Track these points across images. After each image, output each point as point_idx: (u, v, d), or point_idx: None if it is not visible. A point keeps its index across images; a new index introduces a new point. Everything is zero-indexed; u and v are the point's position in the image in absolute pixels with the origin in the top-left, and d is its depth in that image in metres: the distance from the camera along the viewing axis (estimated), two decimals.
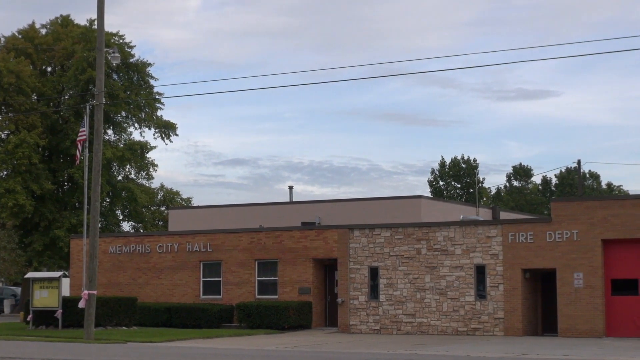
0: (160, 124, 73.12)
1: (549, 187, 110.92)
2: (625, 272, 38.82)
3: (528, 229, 40.19)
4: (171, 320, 46.07)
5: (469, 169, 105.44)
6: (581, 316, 38.55)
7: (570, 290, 38.86)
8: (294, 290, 45.30)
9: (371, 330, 42.66)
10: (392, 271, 42.55)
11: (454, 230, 41.56)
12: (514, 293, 40.00)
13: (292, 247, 45.57)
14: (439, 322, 41.36)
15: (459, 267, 41.19)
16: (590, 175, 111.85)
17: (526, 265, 40.02)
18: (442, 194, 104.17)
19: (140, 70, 71.65)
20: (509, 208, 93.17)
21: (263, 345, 34.32)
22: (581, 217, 39.03)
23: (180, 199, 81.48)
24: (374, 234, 43.13)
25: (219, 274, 47.40)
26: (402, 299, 42.24)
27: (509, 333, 39.78)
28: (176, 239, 48.82)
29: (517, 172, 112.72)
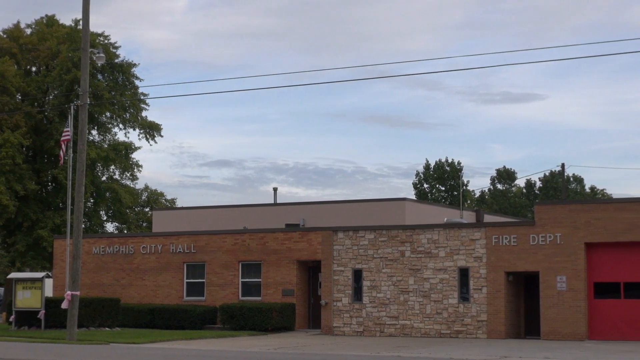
0: (145, 124, 73.08)
1: (533, 191, 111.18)
2: (608, 276, 38.95)
3: (512, 232, 40.28)
4: (154, 321, 45.99)
5: (453, 171, 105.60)
6: (564, 319, 38.67)
7: (553, 293, 38.97)
8: (277, 292, 45.29)
9: (354, 333, 42.69)
10: (375, 273, 42.59)
11: (438, 233, 41.63)
12: (497, 296, 40.09)
13: (276, 248, 45.56)
14: (422, 324, 41.41)
15: (442, 270, 41.26)
16: (574, 178, 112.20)
17: (509, 268, 40.12)
18: (426, 197, 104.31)
19: (125, 70, 71.63)
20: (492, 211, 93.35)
21: (246, 347, 34.31)
22: (564, 221, 39.16)
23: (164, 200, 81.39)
24: (358, 236, 43.17)
25: (202, 275, 47.35)
26: (386, 301, 42.28)
27: (492, 336, 39.87)
28: (160, 240, 48.75)
29: (501, 175, 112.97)
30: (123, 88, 72.05)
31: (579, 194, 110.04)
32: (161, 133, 74.16)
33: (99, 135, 73.58)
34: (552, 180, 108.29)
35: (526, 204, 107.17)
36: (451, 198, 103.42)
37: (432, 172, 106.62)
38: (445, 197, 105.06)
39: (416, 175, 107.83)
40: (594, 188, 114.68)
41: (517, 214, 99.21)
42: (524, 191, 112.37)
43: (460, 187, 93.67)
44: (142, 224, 77.32)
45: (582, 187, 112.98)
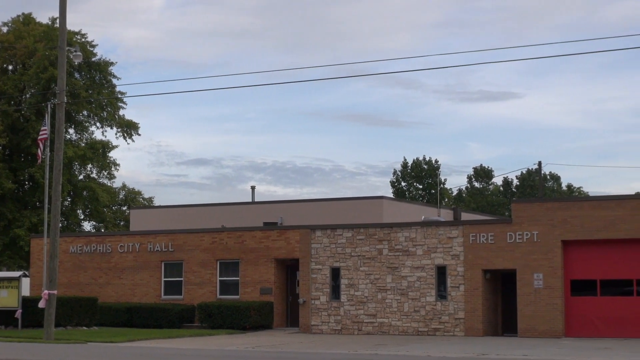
0: (123, 123, 72.91)
1: (510, 189, 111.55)
2: (584, 273, 39.15)
3: (489, 229, 40.43)
4: (132, 320, 45.91)
5: (430, 170, 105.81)
6: (541, 316, 38.84)
7: (530, 290, 39.14)
8: (255, 291, 45.28)
9: (332, 331, 42.74)
10: (353, 271, 42.65)
11: (416, 231, 41.73)
12: (474, 293, 40.23)
13: (254, 247, 45.55)
14: (400, 322, 41.51)
15: (420, 268, 41.36)
16: (551, 176, 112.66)
17: (487, 266, 40.26)
18: (404, 195, 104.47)
19: (102, 69, 71.46)
20: (470, 209, 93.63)
21: (224, 346, 34.30)
22: (541, 219, 39.33)
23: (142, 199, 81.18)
24: (336, 234, 43.22)
25: (180, 274, 47.30)
26: (364, 299, 42.35)
27: (469, 333, 40.00)
28: (137, 238, 48.65)
29: (478, 173, 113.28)
30: (100, 86, 71.84)
31: (555, 192, 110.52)
32: (138, 131, 74.02)
33: (76, 134, 73.35)
34: (529, 179, 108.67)
35: (503, 202, 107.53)
36: (429, 196, 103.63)
37: (410, 170, 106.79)
38: (422, 196, 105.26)
39: (394, 173, 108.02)
40: (571, 186, 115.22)
41: (494, 212, 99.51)
42: (501, 189, 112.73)
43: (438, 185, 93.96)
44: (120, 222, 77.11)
45: (559, 185, 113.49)
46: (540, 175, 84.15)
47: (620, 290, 38.88)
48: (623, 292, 38.80)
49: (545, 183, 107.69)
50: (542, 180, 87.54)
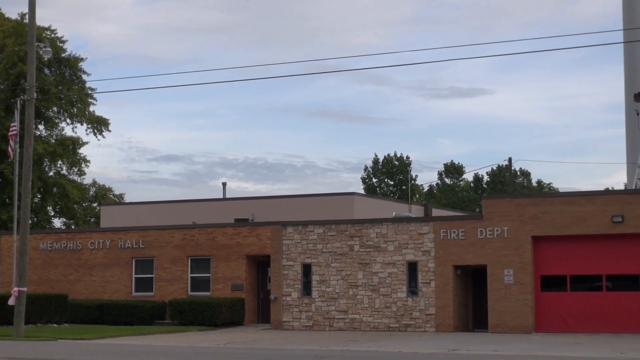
0: (93, 119, 72.55)
1: (481, 185, 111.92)
2: (554, 269, 39.37)
3: (459, 225, 40.58)
4: (103, 317, 45.75)
5: (401, 166, 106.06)
6: (511, 312, 39.03)
7: (501, 286, 39.32)
8: (226, 287, 45.23)
9: (304, 327, 42.78)
10: (324, 268, 42.69)
11: (387, 227, 41.81)
12: (445, 289, 40.37)
13: (225, 243, 45.49)
14: (371, 318, 41.59)
15: (391, 264, 41.45)
16: (521, 172, 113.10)
17: (457, 262, 40.41)
18: (375, 191, 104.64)
19: (72, 65, 71.08)
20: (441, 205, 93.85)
21: (195, 342, 34.26)
22: (512, 214, 39.51)
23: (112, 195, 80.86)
24: (307, 230, 43.25)
25: (151, 270, 47.18)
26: (335, 295, 42.40)
27: (440, 329, 40.13)
28: (108, 235, 48.48)
29: (449, 169, 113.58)
30: (70, 82, 71.47)
31: (526, 188, 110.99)
32: (109, 128, 73.66)
33: (45, 130, 72.92)
34: (499, 175, 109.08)
35: (474, 198, 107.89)
36: (400, 192, 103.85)
37: (381, 166, 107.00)
38: (393, 192, 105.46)
39: (365, 170, 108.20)
40: (541, 182, 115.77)
41: (465, 208, 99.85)
42: (472, 185, 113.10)
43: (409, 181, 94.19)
44: (90, 219, 76.77)
45: (529, 181, 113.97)
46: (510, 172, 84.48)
47: (590, 286, 39.13)
48: (592, 288, 39.05)
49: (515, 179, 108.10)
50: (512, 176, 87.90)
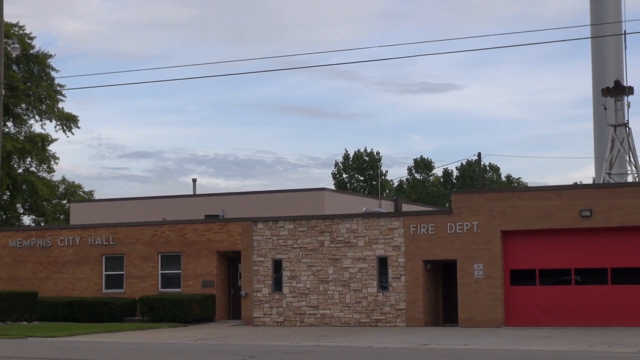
0: (62, 116, 72.24)
1: (450, 180, 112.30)
2: (523, 263, 39.59)
3: (429, 220, 40.72)
4: (73, 314, 45.59)
5: (372, 161, 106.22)
6: (481, 306, 39.23)
7: (471, 280, 39.52)
8: (197, 283, 45.20)
9: (275, 323, 42.81)
10: (295, 263, 42.74)
11: (357, 223, 41.90)
12: (415, 284, 40.51)
13: (195, 240, 45.45)
14: (342, 313, 41.69)
15: (361, 259, 41.55)
16: (491, 167, 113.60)
17: (427, 257, 40.55)
18: (345, 187, 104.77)
19: (41, 61, 70.75)
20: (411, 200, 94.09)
21: (166, 339, 34.21)
22: (481, 209, 39.70)
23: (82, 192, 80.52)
24: (278, 226, 43.28)
25: (121, 267, 47.04)
26: (306, 291, 42.47)
27: (410, 324, 40.28)
28: (78, 232, 48.30)
29: (419, 164, 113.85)
30: (39, 79, 71.13)
31: (495, 182, 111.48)
32: (78, 124, 73.38)
33: (14, 127, 72.52)
34: (469, 170, 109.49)
35: (444, 193, 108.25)
36: (370, 188, 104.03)
37: (351, 162, 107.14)
38: (364, 187, 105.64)
39: (335, 165, 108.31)
40: (510, 177, 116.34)
41: (435, 203, 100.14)
42: (442, 180, 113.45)
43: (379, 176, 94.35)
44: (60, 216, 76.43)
45: (499, 176, 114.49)
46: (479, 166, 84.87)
47: (559, 280, 39.39)
48: (561, 282, 39.32)
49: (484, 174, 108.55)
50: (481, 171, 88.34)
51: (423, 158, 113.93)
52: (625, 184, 43.28)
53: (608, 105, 50.87)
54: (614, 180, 50.14)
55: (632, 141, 50.31)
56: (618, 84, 50.28)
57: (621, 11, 62.63)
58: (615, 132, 50.32)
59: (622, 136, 50.30)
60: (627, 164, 51.65)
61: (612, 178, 50.51)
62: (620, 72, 59.94)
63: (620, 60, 61.48)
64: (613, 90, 49.99)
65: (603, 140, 57.39)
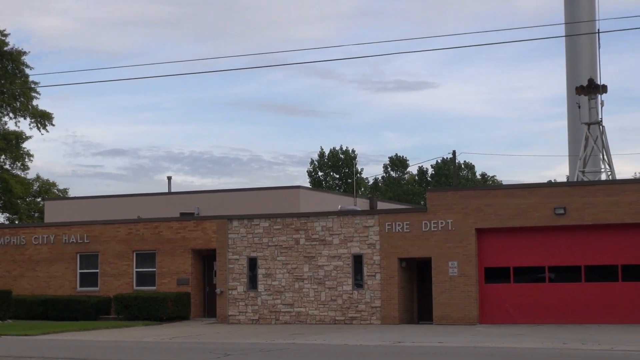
0: (36, 113, 71.98)
1: (425, 178, 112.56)
2: (498, 261, 39.74)
3: (404, 218, 40.81)
4: (47, 312, 45.43)
5: (347, 159, 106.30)
6: (456, 304, 39.35)
7: (445, 278, 39.63)
8: (172, 281, 45.14)
9: (250, 321, 42.81)
10: (270, 261, 42.75)
11: (332, 220, 41.94)
12: (390, 282, 40.59)
13: (170, 237, 45.38)
14: (317, 311, 41.73)
15: (336, 257, 41.60)
16: (465, 165, 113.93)
17: (402, 255, 40.64)
18: (320, 185, 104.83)
19: (15, 58, 70.45)
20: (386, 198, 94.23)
21: (141, 337, 34.16)
22: (456, 207, 39.82)
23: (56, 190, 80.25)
24: (253, 224, 43.27)
25: (96, 265, 46.91)
26: (281, 288, 42.48)
27: (385, 321, 40.36)
28: (52, 230, 48.12)
29: (394, 162, 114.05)
30: (13, 76, 70.79)
31: (470, 180, 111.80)
32: (53, 122, 73.11)
33: None
34: (444, 167, 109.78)
35: (419, 191, 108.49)
36: (345, 186, 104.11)
37: (327, 160, 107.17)
38: (339, 185, 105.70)
39: (311, 163, 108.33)
40: (485, 175, 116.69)
41: (410, 201, 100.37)
42: (417, 178, 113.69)
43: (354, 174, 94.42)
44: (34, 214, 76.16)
45: (473, 174, 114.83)
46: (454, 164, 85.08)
47: (533, 277, 39.56)
48: (535, 279, 39.49)
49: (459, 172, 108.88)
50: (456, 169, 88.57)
51: (398, 156, 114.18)
52: (599, 182, 43.50)
53: (582, 104, 51.10)
54: (588, 178, 50.38)
55: (605, 139, 50.56)
56: (592, 82, 50.52)
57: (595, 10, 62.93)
58: (589, 130, 50.55)
59: (595, 134, 50.53)
60: (600, 162, 51.88)
61: (586, 176, 50.75)
62: (594, 70, 60.24)
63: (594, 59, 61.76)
64: (587, 89, 50.22)
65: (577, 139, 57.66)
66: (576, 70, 62.58)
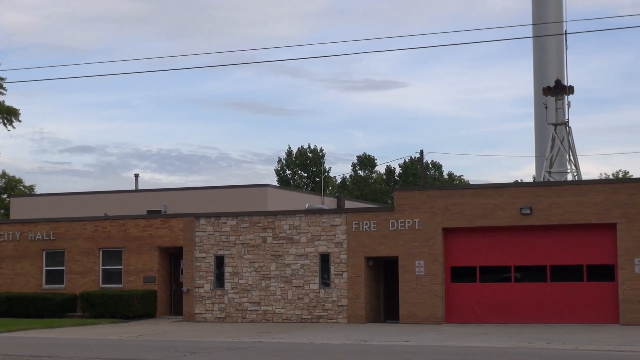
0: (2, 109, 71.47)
1: (393, 177, 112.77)
2: (464, 260, 39.88)
3: (372, 217, 40.87)
4: (12, 310, 45.16)
5: (315, 158, 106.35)
6: (422, 303, 39.46)
7: (412, 277, 39.73)
8: (139, 279, 44.99)
9: (216, 319, 42.75)
10: (237, 259, 42.71)
11: (300, 219, 41.96)
12: (357, 281, 40.64)
13: (137, 235, 45.22)
14: (284, 310, 41.73)
15: (304, 256, 41.62)
16: (433, 165, 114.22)
17: (369, 254, 40.70)
18: (288, 183, 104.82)
19: None
20: (354, 197, 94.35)
21: (106, 335, 34.05)
22: (423, 206, 39.93)
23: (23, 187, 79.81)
24: (220, 222, 43.20)
25: (62, 263, 46.67)
26: (248, 287, 42.44)
27: (352, 320, 40.41)
28: (18, 227, 47.81)
29: (362, 161, 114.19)
30: None
31: (437, 180, 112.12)
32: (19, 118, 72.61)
33: None
34: (411, 167, 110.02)
35: (386, 190, 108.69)
36: (313, 184, 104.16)
37: (295, 158, 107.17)
38: (307, 184, 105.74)
39: (278, 161, 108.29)
40: (452, 174, 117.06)
41: (377, 200, 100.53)
42: (384, 177, 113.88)
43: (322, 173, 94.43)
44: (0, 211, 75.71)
45: (440, 174, 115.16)
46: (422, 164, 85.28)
47: (499, 277, 39.73)
48: (502, 279, 39.66)
49: (427, 171, 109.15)
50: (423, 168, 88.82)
51: (366, 155, 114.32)
52: (565, 182, 43.74)
53: (549, 104, 51.34)
54: (554, 178, 50.66)
55: (572, 140, 50.85)
56: (559, 83, 50.80)
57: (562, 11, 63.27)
58: (555, 130, 50.82)
59: (562, 135, 50.81)
60: (567, 162, 52.17)
61: (553, 176, 51.03)
62: (561, 71, 60.57)
63: (561, 60, 62.11)
64: (554, 90, 50.48)
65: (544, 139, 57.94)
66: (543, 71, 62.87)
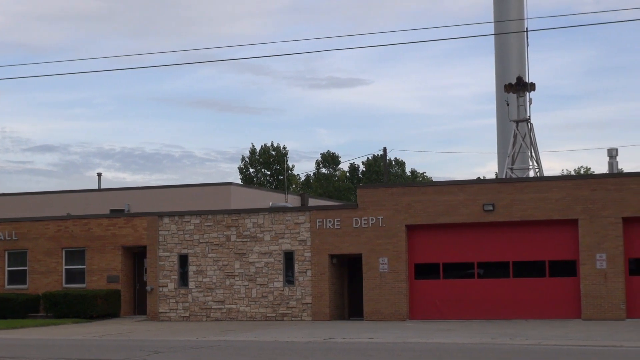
0: None
1: (356, 174, 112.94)
2: (428, 257, 40.04)
3: (335, 215, 40.94)
4: None
5: (279, 156, 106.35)
6: (386, 300, 39.59)
7: (376, 275, 39.84)
8: (102, 279, 44.82)
9: (181, 318, 42.69)
10: (201, 258, 42.65)
11: (263, 217, 41.97)
12: (321, 278, 40.72)
13: (100, 234, 45.05)
14: (248, 308, 41.73)
15: (267, 254, 41.63)
16: (396, 162, 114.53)
17: (333, 251, 40.78)
18: (252, 181, 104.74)
19: None
20: (317, 195, 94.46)
21: (70, 335, 33.92)
22: (386, 204, 40.05)
23: None
24: (184, 221, 43.12)
25: (24, 263, 46.41)
26: (212, 285, 42.41)
27: (316, 318, 40.48)
28: None
29: (326, 159, 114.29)
30: None
31: (400, 177, 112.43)
32: None
33: None
34: (374, 164, 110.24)
35: (350, 187, 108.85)
36: (277, 182, 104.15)
37: (258, 156, 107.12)
38: (270, 182, 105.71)
39: (242, 160, 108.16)
40: (415, 171, 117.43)
41: (341, 198, 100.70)
42: (348, 175, 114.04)
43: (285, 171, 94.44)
44: None
45: (404, 171, 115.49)
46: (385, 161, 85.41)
47: (462, 273, 39.94)
48: (465, 275, 39.87)
49: (390, 169, 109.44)
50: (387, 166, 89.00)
51: (330, 152, 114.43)
52: (527, 179, 44.02)
53: (510, 101, 51.65)
54: (516, 175, 50.95)
55: (533, 137, 51.16)
56: (520, 80, 51.08)
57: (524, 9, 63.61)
58: (517, 127, 51.10)
59: (524, 132, 51.11)
60: (528, 159, 52.49)
61: (515, 173, 51.31)
62: (523, 68, 60.88)
63: (523, 57, 62.41)
64: (515, 87, 50.76)
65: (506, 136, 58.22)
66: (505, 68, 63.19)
